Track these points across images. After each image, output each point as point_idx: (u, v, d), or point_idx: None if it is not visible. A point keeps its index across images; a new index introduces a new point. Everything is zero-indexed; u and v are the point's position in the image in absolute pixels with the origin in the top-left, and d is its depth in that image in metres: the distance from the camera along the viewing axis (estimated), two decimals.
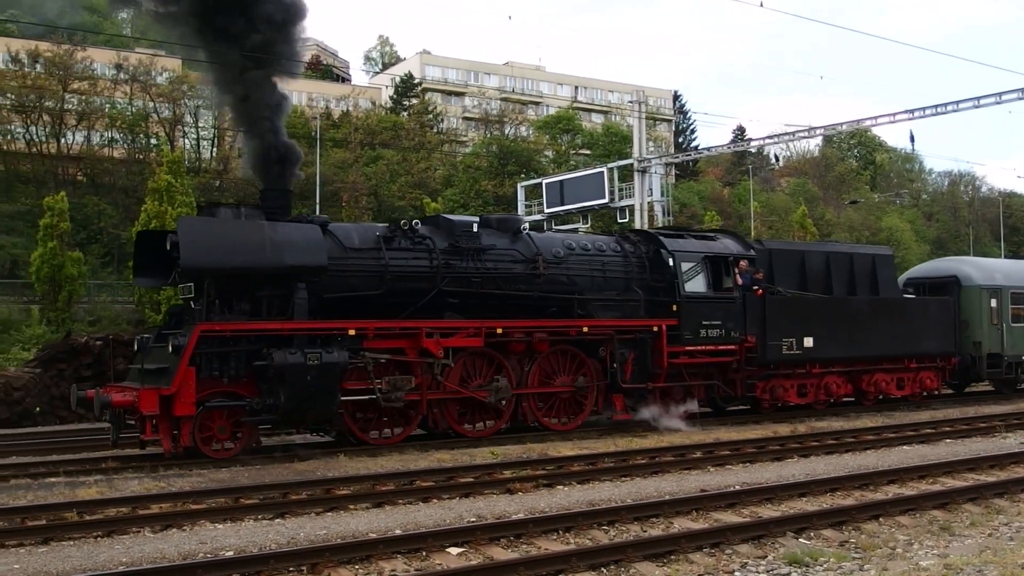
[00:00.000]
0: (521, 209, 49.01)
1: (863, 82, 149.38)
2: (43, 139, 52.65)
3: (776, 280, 22.24)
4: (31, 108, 51.37)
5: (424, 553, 9.45)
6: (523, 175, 58.69)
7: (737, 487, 12.76)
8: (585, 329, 18.90)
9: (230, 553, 9.38)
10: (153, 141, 55.41)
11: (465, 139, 78.51)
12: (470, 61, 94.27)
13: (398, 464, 14.95)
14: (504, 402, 18.10)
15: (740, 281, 20.92)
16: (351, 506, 11.88)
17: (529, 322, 18.44)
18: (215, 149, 60.74)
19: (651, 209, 43.52)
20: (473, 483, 13.20)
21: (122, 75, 55.65)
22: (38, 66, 53.26)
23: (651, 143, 53.80)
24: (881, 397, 24.49)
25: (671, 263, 20.11)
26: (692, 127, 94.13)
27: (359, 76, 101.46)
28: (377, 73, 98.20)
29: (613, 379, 19.26)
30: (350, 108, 68.11)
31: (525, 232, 19.32)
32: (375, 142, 62.04)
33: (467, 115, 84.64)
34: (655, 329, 19.59)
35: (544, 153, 70.07)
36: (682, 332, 19.84)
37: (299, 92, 74.00)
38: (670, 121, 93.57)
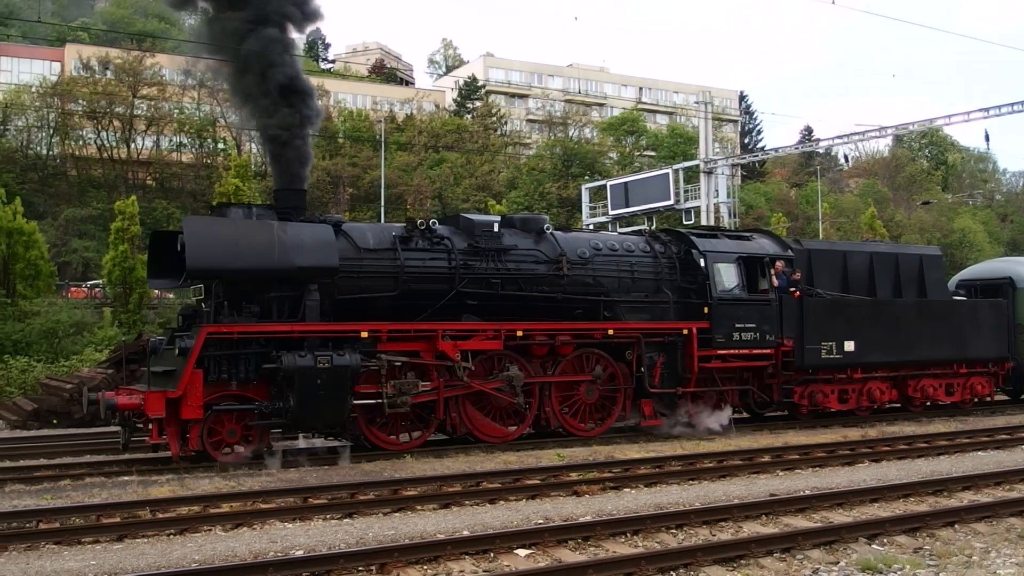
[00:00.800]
0: (586, 211, 48.89)
1: (936, 80, 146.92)
2: (114, 144, 53.78)
3: (815, 282, 21.45)
4: (102, 114, 52.53)
5: (492, 554, 9.43)
6: (587, 177, 58.58)
7: (807, 492, 12.58)
8: (610, 332, 18.35)
9: (300, 552, 9.45)
10: (220, 145, 56.25)
11: (529, 141, 78.51)
12: (533, 63, 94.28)
13: (464, 465, 14.97)
14: (522, 399, 17.48)
15: (776, 283, 20.23)
16: (418, 507, 11.91)
17: (551, 324, 17.86)
18: None
19: (717, 211, 43.15)
20: (540, 485, 13.15)
21: (190, 80, 56.56)
22: (109, 73, 54.44)
23: (717, 144, 53.41)
24: (928, 404, 23.52)
25: (703, 264, 19.48)
26: (758, 128, 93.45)
27: (423, 79, 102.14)
28: (441, 76, 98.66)
29: (640, 383, 18.69)
30: (414, 111, 68.56)
31: (549, 232, 18.72)
32: (439, 145, 62.38)
33: (531, 117, 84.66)
34: (685, 332, 18.97)
35: (608, 155, 69.88)
36: (714, 335, 19.18)
37: (363, 96, 74.82)
38: (736, 122, 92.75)
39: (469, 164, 60.00)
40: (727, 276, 19.67)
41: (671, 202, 43.82)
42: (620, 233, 21.82)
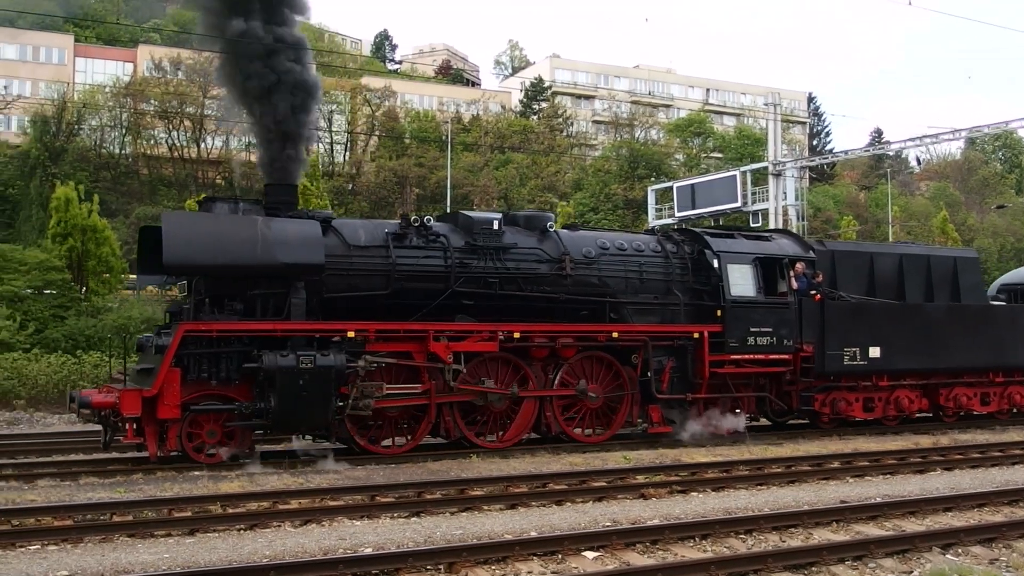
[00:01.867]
0: (652, 213, 48.66)
1: (1011, 82, 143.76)
2: (184, 144, 54.64)
3: (840, 284, 20.42)
4: (173, 114, 53.42)
5: (560, 556, 9.41)
6: (653, 178, 58.30)
7: (879, 499, 12.37)
8: (615, 334, 17.62)
9: (369, 550, 9.51)
10: None
11: (595, 142, 78.33)
12: (600, 64, 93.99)
13: (530, 466, 14.97)
14: (506, 405, 16.81)
15: (795, 285, 19.34)
16: (485, 507, 11.93)
17: (551, 326, 17.22)
18: (348, 153, 62.04)
19: (785, 213, 42.68)
20: (606, 487, 13.10)
21: None
22: (180, 73, 55.39)
23: (785, 146, 52.77)
24: (962, 413, 22.27)
25: (716, 265, 18.66)
26: (827, 129, 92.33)
27: (489, 80, 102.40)
28: (507, 77, 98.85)
29: (647, 388, 17.96)
30: (480, 112, 68.74)
31: (553, 230, 18.06)
32: (505, 146, 62.50)
33: (597, 118, 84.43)
34: (696, 336, 18.23)
35: (675, 156, 69.48)
36: (727, 339, 18.36)
37: (430, 96, 75.21)
38: (804, 124, 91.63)
39: (535, 165, 60.04)
40: (742, 278, 18.86)
41: (738, 204, 43.48)
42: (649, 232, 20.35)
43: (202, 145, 55.09)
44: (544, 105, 77.88)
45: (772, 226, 40.31)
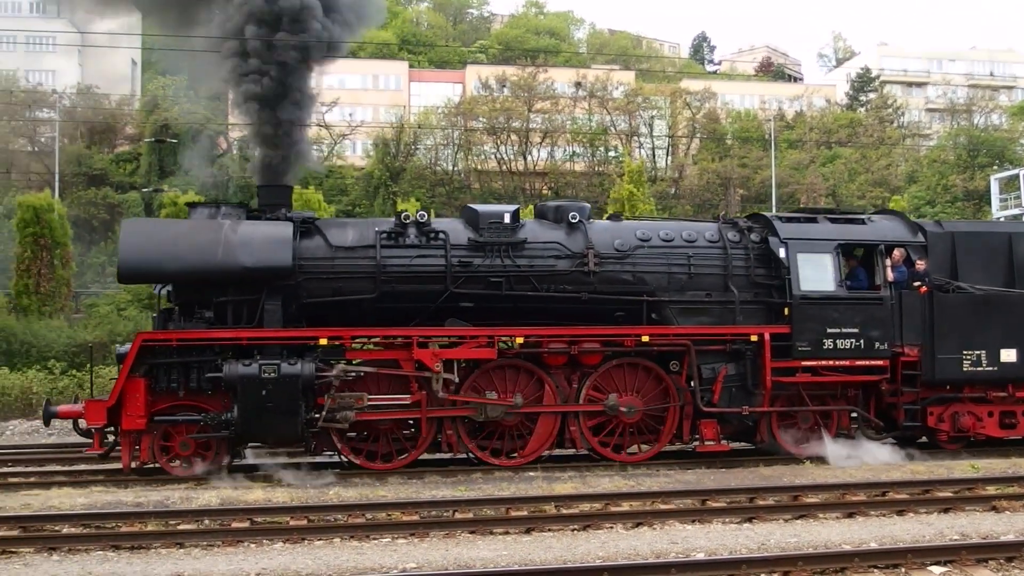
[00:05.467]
0: (995, 203, 45.25)
1: None
2: (511, 157, 56.79)
3: (961, 273, 16.70)
4: (500, 129, 55.70)
5: (903, 570, 8.93)
6: (996, 167, 54.19)
7: None
8: (645, 338, 15.37)
9: (701, 555, 9.44)
10: (611, 153, 57.82)
11: (929, 132, 73.86)
12: (931, 49, 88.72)
13: (868, 474, 14.30)
14: (517, 419, 15.26)
15: (891, 276, 16.24)
16: (820, 515, 11.53)
17: (564, 330, 15.34)
18: (669, 157, 62.16)
19: None
20: (952, 498, 12.27)
21: (580, 92, 58.69)
22: (505, 90, 57.72)
23: None
24: None
25: (783, 254, 15.92)
26: None
27: (811, 75, 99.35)
28: (831, 70, 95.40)
29: (694, 400, 15.62)
30: (803, 108, 66.77)
31: (578, 221, 15.88)
32: (831, 141, 60.34)
33: (930, 106, 79.57)
34: (753, 338, 15.75)
35: (1020, 142, 64.23)
36: (795, 342, 15.61)
37: (751, 96, 74.00)
38: None
39: (864, 159, 57.54)
40: (817, 269, 16.00)
41: None
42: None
43: (528, 157, 57.01)
44: (872, 96, 74.47)
45: None
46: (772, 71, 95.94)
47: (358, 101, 63.07)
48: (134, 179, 49.16)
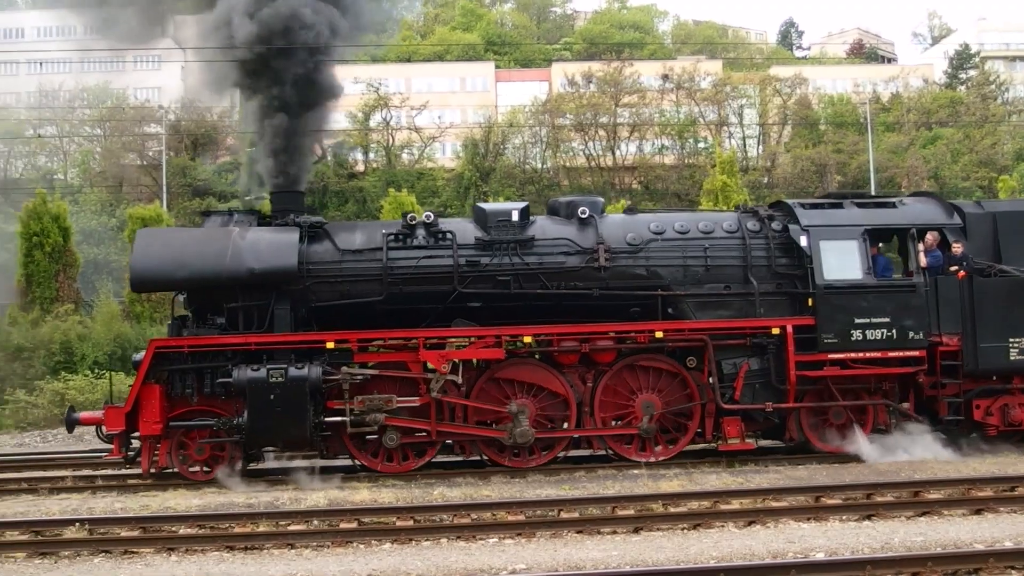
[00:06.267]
0: None
1: None
2: (599, 153, 56.44)
3: (1007, 256, 15.64)
4: (588, 125, 55.42)
5: None
6: None
7: None
8: (658, 334, 14.96)
9: (821, 555, 9.12)
10: (701, 144, 57.09)
11: None
12: None
13: (993, 468, 13.69)
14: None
15: (924, 262, 15.38)
16: (945, 511, 11.08)
17: (575, 327, 15.00)
18: (761, 146, 61.12)
19: None
20: None
21: (667, 84, 58.07)
22: (592, 86, 57.41)
23: None
24: None
25: (804, 243, 15.23)
26: None
27: (906, 56, 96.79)
28: (927, 49, 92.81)
29: (714, 396, 15.10)
30: (900, 89, 64.99)
31: (589, 216, 15.62)
32: (931, 121, 58.63)
33: None
34: (775, 331, 15.09)
35: None
36: (820, 335, 14.93)
37: (843, 80, 72.29)
38: None
39: (967, 139, 55.70)
40: (842, 256, 15.26)
41: None
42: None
43: (616, 152, 56.57)
44: (973, 73, 72.14)
45: None
46: (864, 53, 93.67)
47: (446, 103, 63.29)
48: (235, 188, 50.33)
